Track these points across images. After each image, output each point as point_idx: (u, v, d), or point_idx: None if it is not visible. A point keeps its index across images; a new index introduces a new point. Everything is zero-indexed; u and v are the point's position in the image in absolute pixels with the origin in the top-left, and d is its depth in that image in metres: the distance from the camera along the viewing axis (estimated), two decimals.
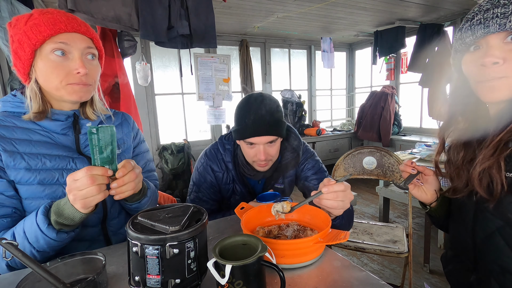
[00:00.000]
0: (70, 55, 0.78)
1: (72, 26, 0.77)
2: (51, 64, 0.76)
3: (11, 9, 1.87)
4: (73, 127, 0.86)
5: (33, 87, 0.79)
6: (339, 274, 0.68)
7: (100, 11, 1.78)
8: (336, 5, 3.17)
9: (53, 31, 0.74)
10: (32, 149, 0.79)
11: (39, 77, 0.78)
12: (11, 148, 0.77)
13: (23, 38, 0.74)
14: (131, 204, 0.86)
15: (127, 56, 2.46)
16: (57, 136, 0.84)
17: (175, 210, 0.64)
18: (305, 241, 0.70)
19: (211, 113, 3.78)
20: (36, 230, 0.69)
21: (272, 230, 0.86)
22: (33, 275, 0.59)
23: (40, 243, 0.70)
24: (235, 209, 0.91)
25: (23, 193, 0.78)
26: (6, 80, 2.12)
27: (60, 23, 0.75)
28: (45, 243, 0.70)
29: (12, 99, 0.83)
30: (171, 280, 0.56)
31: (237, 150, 1.17)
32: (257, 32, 4.08)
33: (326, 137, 4.53)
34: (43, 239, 0.70)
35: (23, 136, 0.79)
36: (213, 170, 1.17)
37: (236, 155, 1.16)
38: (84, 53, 0.80)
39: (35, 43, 0.74)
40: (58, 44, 0.75)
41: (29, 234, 0.70)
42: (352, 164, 1.84)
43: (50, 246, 0.71)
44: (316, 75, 5.15)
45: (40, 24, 0.74)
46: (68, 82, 0.78)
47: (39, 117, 0.80)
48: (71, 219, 0.69)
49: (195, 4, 2.06)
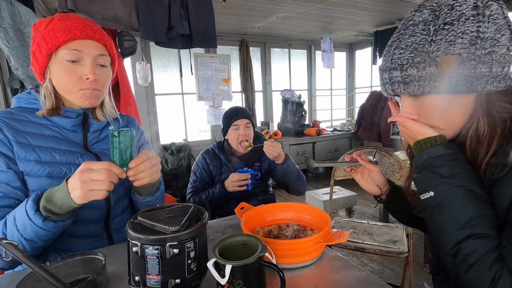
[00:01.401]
0: (82, 61, 0.82)
1: (87, 34, 0.81)
2: (64, 68, 0.81)
3: (11, 9, 1.88)
4: (82, 125, 0.91)
5: (48, 87, 0.84)
6: (339, 274, 0.68)
7: (100, 11, 1.78)
8: (336, 5, 3.17)
9: (68, 37, 0.79)
10: (43, 142, 0.83)
11: (53, 79, 0.83)
12: (24, 140, 0.80)
13: (41, 41, 0.79)
14: (144, 198, 0.89)
15: (127, 56, 2.46)
16: (67, 132, 0.88)
17: (175, 210, 0.64)
18: (305, 241, 0.70)
19: (211, 113, 3.78)
20: (24, 217, 0.68)
21: (272, 230, 0.86)
22: (33, 275, 0.59)
23: (27, 230, 0.69)
24: (235, 209, 0.92)
25: (31, 185, 0.80)
26: (6, 80, 2.11)
27: (76, 30, 0.79)
28: (32, 230, 0.69)
29: (26, 96, 0.88)
30: (171, 280, 0.56)
31: (223, 144, 1.70)
32: (257, 32, 4.08)
33: (326, 137, 4.53)
34: (30, 226, 0.68)
35: (35, 130, 0.83)
36: (205, 158, 1.67)
37: (223, 146, 1.70)
38: (96, 59, 0.84)
39: (51, 47, 0.79)
40: (72, 51, 0.80)
41: (18, 220, 0.70)
42: None
43: (37, 234, 0.69)
44: (316, 75, 5.15)
45: (57, 30, 0.78)
46: (80, 88, 0.83)
47: (52, 113, 0.85)
48: (59, 207, 0.68)
49: (195, 4, 2.06)
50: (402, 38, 0.61)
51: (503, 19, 0.55)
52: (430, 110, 0.62)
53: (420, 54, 0.57)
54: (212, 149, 1.69)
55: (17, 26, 1.91)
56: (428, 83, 0.57)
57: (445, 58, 0.55)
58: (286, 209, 0.94)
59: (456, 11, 0.55)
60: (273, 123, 4.63)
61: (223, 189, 1.50)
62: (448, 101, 0.59)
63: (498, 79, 0.55)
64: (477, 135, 0.59)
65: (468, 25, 0.54)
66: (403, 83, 0.60)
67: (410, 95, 0.63)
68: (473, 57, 0.54)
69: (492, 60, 0.54)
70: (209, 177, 1.64)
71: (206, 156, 1.66)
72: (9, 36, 1.85)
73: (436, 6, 0.58)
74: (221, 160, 1.65)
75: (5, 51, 1.87)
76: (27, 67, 1.94)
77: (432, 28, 0.57)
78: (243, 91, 4.33)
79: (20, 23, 1.93)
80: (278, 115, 4.71)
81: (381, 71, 0.66)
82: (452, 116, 0.61)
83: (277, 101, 4.70)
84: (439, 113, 0.61)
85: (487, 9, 0.54)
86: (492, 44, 0.54)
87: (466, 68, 0.54)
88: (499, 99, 0.58)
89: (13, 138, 0.79)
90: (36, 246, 0.73)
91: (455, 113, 0.60)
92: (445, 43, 0.55)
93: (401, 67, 0.60)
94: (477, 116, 0.59)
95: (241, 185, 1.47)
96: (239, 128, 1.59)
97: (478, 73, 0.54)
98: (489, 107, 0.58)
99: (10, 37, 1.86)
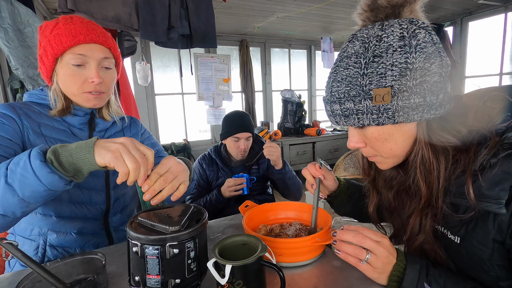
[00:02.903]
0: (87, 64, 0.84)
1: (91, 38, 0.83)
2: (69, 72, 0.83)
3: (11, 9, 1.88)
4: (89, 124, 0.93)
5: (56, 89, 0.86)
6: (339, 273, 0.68)
7: (100, 11, 1.78)
8: (336, 5, 3.17)
9: (73, 42, 0.80)
10: (53, 134, 0.85)
11: (60, 82, 0.85)
12: (37, 129, 0.83)
13: (47, 46, 0.82)
14: None
15: (127, 56, 2.46)
16: (74, 130, 0.90)
17: (175, 210, 0.64)
18: (302, 240, 0.70)
19: (211, 113, 3.78)
20: (24, 154, 0.59)
21: (274, 228, 0.86)
22: (33, 275, 0.59)
23: (18, 169, 0.58)
24: (240, 207, 0.92)
25: None
26: (6, 80, 2.11)
27: (80, 35, 0.81)
28: (24, 170, 0.57)
29: (39, 92, 0.91)
30: (171, 280, 0.56)
31: (220, 148, 1.70)
32: (257, 32, 4.08)
33: (326, 137, 4.53)
34: (24, 163, 0.57)
35: (47, 122, 0.86)
36: (201, 164, 1.66)
37: (220, 151, 1.69)
38: (101, 63, 0.86)
39: (56, 52, 0.81)
40: (77, 55, 0.82)
41: (15, 159, 0.60)
42: (352, 164, 1.84)
43: (24, 176, 0.57)
44: (316, 75, 5.14)
45: (62, 35, 0.80)
46: (84, 91, 0.85)
47: (62, 114, 0.88)
48: (69, 154, 0.58)
49: (195, 4, 2.06)
50: (338, 71, 0.60)
51: (432, 45, 0.54)
52: (372, 140, 0.61)
53: (354, 88, 0.56)
54: (209, 154, 1.69)
55: (17, 26, 1.91)
56: (365, 116, 0.56)
57: (378, 91, 0.54)
58: (289, 208, 0.94)
59: (384, 42, 0.54)
60: (273, 123, 4.63)
61: (220, 196, 1.51)
62: (388, 131, 0.58)
63: (434, 107, 0.54)
64: (424, 164, 0.59)
65: (396, 56, 0.53)
66: (343, 116, 0.59)
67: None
68: (404, 88, 0.53)
69: (424, 90, 0.53)
70: (206, 184, 1.64)
71: (202, 162, 1.66)
72: (9, 36, 1.85)
73: (365, 38, 0.56)
74: (218, 165, 1.65)
75: (5, 51, 1.87)
76: (27, 67, 1.94)
77: (363, 61, 0.55)
78: (243, 91, 4.33)
79: (20, 23, 1.93)
80: (278, 115, 4.71)
81: (324, 102, 0.65)
82: (394, 146, 0.60)
83: (277, 101, 4.70)
84: (381, 143, 0.60)
85: (414, 39, 0.53)
86: (422, 74, 0.53)
87: (400, 100, 0.53)
88: (439, 126, 0.57)
89: (29, 125, 0.81)
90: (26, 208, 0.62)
91: (397, 142, 0.59)
92: (376, 76, 0.54)
93: (339, 100, 0.59)
94: (420, 145, 0.58)
95: (236, 190, 1.48)
96: (239, 141, 1.58)
97: (413, 104, 0.53)
98: (430, 136, 0.57)
99: (10, 37, 1.86)
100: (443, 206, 0.59)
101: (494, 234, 0.53)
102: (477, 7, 3.67)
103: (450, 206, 0.58)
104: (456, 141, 0.56)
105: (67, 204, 0.86)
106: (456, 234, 0.60)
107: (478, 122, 0.56)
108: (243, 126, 1.58)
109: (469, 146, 0.56)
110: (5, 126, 0.77)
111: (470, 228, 0.57)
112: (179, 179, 0.67)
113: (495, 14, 3.65)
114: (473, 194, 0.53)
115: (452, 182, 0.58)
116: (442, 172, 0.57)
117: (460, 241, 0.59)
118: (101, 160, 0.58)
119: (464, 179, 0.55)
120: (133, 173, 0.58)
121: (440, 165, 0.57)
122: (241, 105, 4.43)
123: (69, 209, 0.86)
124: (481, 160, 0.54)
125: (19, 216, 0.64)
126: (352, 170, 1.83)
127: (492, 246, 0.54)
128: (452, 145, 0.56)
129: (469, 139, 0.56)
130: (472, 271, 0.59)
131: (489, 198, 0.51)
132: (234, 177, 1.53)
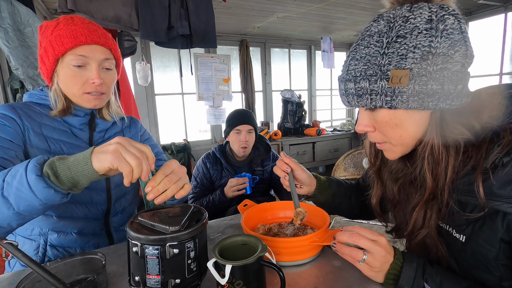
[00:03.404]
0: (88, 65, 0.84)
1: (92, 39, 0.83)
2: (70, 73, 0.83)
3: (11, 9, 1.87)
4: (89, 124, 0.93)
5: (56, 90, 0.86)
6: (339, 273, 0.68)
7: (100, 11, 1.78)
8: (336, 5, 3.17)
9: (74, 43, 0.81)
10: (54, 134, 0.86)
11: (60, 82, 0.86)
12: (38, 130, 0.83)
13: (48, 46, 0.82)
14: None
15: (127, 56, 2.46)
16: (75, 130, 0.91)
17: (175, 210, 0.64)
18: (300, 239, 0.71)
19: (211, 113, 3.78)
20: (20, 166, 0.57)
21: (272, 228, 0.86)
22: (33, 275, 0.59)
23: (14, 181, 0.57)
24: (238, 206, 0.93)
25: None
26: (6, 80, 2.11)
27: (81, 36, 0.81)
28: (19, 183, 0.56)
29: (39, 93, 0.91)
30: (171, 280, 0.56)
31: (225, 147, 1.71)
32: (257, 32, 4.08)
33: (326, 137, 4.53)
34: (20, 175, 0.56)
35: (48, 122, 0.86)
36: (205, 163, 1.67)
37: (225, 150, 1.70)
38: (102, 64, 0.87)
39: (57, 53, 0.81)
40: (78, 56, 0.82)
41: (12, 171, 0.59)
42: (352, 164, 1.84)
43: (19, 189, 0.56)
44: (316, 75, 5.14)
45: (63, 36, 0.80)
46: (85, 91, 0.85)
47: (63, 114, 0.88)
48: (67, 167, 0.57)
49: (195, 4, 2.06)
50: (358, 49, 0.58)
51: (459, 34, 0.52)
52: (382, 125, 0.59)
53: (372, 67, 0.55)
54: (213, 152, 1.70)
55: (17, 26, 1.91)
56: (379, 97, 0.55)
57: (396, 73, 0.52)
58: (287, 208, 0.94)
59: (410, 23, 0.53)
60: (273, 123, 4.63)
61: (223, 196, 1.52)
62: (399, 117, 0.57)
63: (450, 97, 0.53)
64: (432, 155, 0.57)
65: (420, 39, 0.51)
66: (356, 96, 0.58)
67: (364, 108, 0.61)
68: (424, 72, 0.51)
69: (443, 77, 0.51)
70: (209, 183, 1.65)
71: (206, 161, 1.67)
72: (9, 36, 1.85)
73: (392, 18, 0.55)
74: (222, 164, 1.66)
75: (5, 51, 1.86)
76: (27, 67, 1.93)
77: (385, 41, 0.54)
78: (243, 91, 4.33)
79: (20, 23, 1.93)
80: (278, 115, 4.71)
81: (339, 81, 0.64)
82: (404, 133, 0.58)
83: (277, 101, 4.70)
84: (391, 128, 0.59)
85: (441, 23, 0.51)
86: (444, 61, 0.51)
87: (417, 84, 0.52)
88: (453, 118, 0.55)
89: (30, 126, 0.81)
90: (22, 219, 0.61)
91: (407, 130, 0.58)
92: (397, 57, 0.53)
93: (354, 79, 0.57)
94: (431, 135, 0.56)
95: (239, 189, 1.48)
96: (240, 133, 1.61)
97: (430, 90, 0.52)
98: (443, 126, 0.55)
99: (10, 37, 1.86)
100: (450, 203, 0.58)
101: (502, 234, 0.53)
102: (477, 7, 3.67)
103: (458, 204, 0.57)
104: (469, 135, 0.55)
105: (68, 204, 0.86)
106: (461, 232, 0.59)
107: (493, 120, 0.54)
108: (244, 119, 1.62)
109: (481, 143, 0.55)
110: (6, 128, 0.77)
111: (477, 227, 0.56)
112: (183, 180, 0.67)
113: (495, 14, 3.65)
114: (483, 193, 0.52)
115: (460, 180, 0.57)
116: (450, 165, 0.56)
117: (465, 240, 0.58)
118: (103, 165, 0.56)
119: (473, 177, 0.54)
120: (136, 169, 0.57)
121: (450, 157, 0.56)
122: (241, 105, 4.43)
123: (70, 209, 0.86)
124: (493, 158, 0.52)
125: (15, 227, 0.63)
126: (352, 170, 1.83)
127: (498, 246, 0.54)
128: (464, 138, 0.55)
129: (482, 136, 0.55)
130: (475, 270, 0.58)
131: (500, 197, 0.50)
132: (237, 177, 1.54)
